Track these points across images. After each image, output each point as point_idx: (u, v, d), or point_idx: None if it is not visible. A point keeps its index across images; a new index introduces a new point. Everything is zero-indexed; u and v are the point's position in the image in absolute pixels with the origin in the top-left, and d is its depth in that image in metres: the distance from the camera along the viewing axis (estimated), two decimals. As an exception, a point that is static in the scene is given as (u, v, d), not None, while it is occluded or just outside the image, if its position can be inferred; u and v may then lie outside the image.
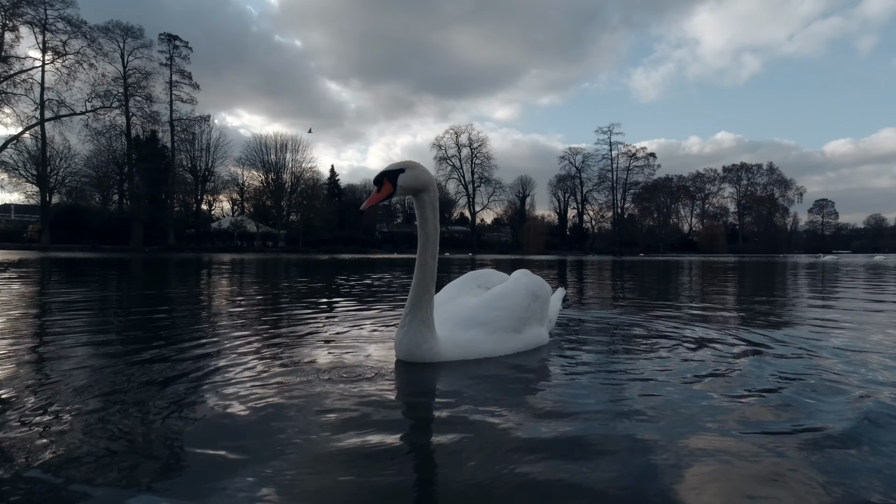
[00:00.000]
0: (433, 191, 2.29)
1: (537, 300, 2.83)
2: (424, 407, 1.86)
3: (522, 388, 2.09)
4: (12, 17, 43.87)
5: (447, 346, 2.36)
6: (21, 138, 45.81)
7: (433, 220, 2.30)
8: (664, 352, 2.79)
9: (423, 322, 2.28)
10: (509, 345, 2.62)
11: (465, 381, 2.13)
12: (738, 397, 1.94)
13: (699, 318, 4.16)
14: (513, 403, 1.84)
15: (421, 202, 2.28)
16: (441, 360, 2.34)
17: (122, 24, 49.39)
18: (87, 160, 51.26)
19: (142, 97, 50.83)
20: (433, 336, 2.30)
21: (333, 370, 2.26)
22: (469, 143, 76.43)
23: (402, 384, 2.10)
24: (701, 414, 1.74)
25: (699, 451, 1.44)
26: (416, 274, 2.28)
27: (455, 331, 2.50)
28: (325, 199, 65.99)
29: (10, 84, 44.92)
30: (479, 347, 2.49)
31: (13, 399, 1.86)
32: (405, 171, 2.19)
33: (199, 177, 57.91)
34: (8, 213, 60.01)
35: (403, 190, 2.19)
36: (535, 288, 2.86)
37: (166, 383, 2.07)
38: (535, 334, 2.80)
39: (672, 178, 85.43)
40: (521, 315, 2.70)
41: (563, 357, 2.66)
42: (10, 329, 3.41)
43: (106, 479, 1.25)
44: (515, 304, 2.70)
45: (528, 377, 2.25)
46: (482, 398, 1.89)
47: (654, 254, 62.24)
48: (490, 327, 2.57)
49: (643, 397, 1.92)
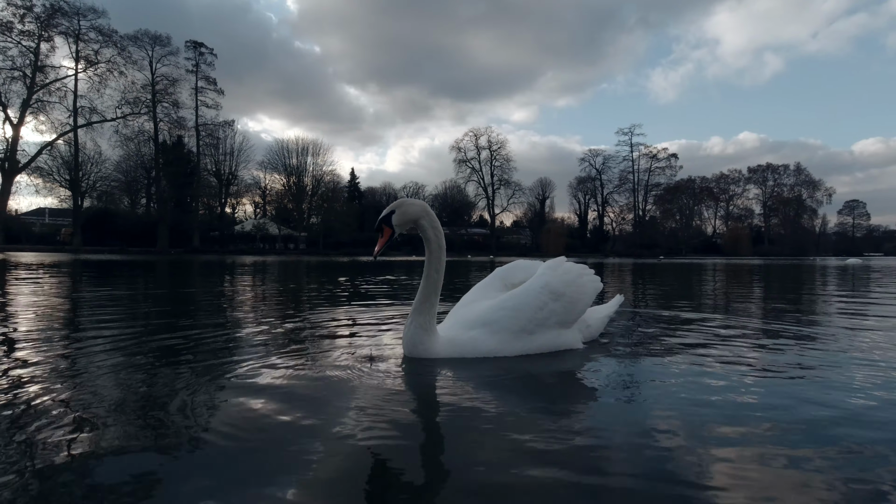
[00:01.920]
0: (427, 216, 2.54)
1: (559, 300, 2.68)
2: (411, 398, 2.00)
3: (501, 387, 2.13)
4: (48, 27, 45.69)
5: (444, 344, 2.56)
6: (55, 144, 47.61)
7: (434, 238, 2.56)
8: (689, 360, 2.64)
9: (421, 325, 2.53)
10: (514, 346, 2.59)
11: (452, 379, 2.25)
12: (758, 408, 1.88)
13: (731, 327, 4.04)
14: (486, 402, 1.92)
15: (421, 228, 2.56)
16: (437, 357, 2.53)
17: (151, 33, 51.02)
18: (117, 165, 52.97)
19: (169, 103, 52.42)
20: (429, 336, 2.54)
21: (345, 363, 2.43)
22: (488, 146, 76.52)
23: (403, 376, 2.29)
24: (712, 425, 1.69)
25: (707, 462, 1.42)
26: (422, 283, 2.57)
27: (458, 331, 2.67)
28: (345, 202, 66.74)
29: (46, 93, 46.79)
30: (478, 347, 2.55)
31: (49, 392, 2.04)
32: (395, 211, 2.48)
33: (222, 180, 59.20)
34: (42, 216, 62.21)
35: (401, 227, 2.50)
36: (556, 286, 2.70)
37: (190, 374, 2.23)
38: (551, 337, 2.70)
39: (695, 180, 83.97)
40: (531, 316, 2.62)
41: (580, 361, 2.59)
42: (52, 328, 3.65)
43: (131, 463, 1.39)
44: (525, 303, 2.63)
45: (515, 377, 2.27)
46: (465, 395, 2.00)
47: (675, 256, 61.22)
48: (494, 327, 2.59)
49: (661, 411, 1.82)
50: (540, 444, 1.50)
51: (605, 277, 12.36)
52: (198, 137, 55.71)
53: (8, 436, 1.53)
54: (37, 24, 45.32)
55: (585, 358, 2.68)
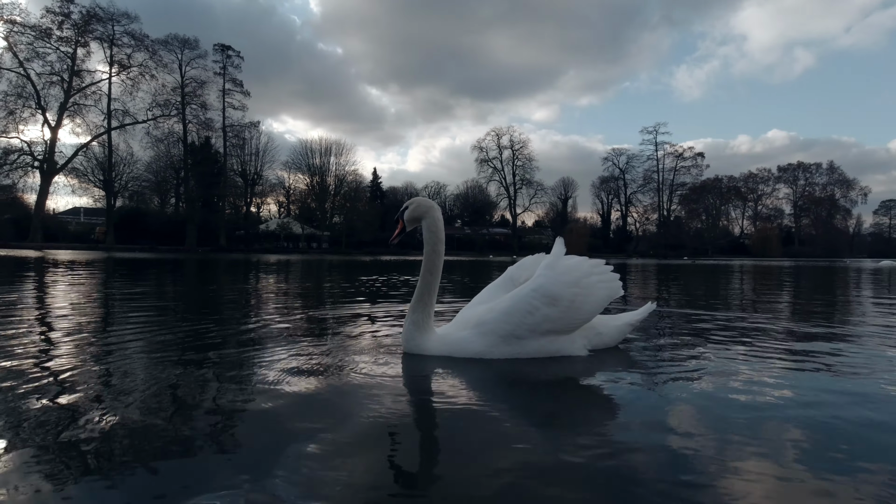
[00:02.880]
0: (430, 217, 2.66)
1: (554, 304, 2.48)
2: (405, 390, 2.14)
3: (480, 389, 2.15)
4: (84, 33, 47.44)
5: (435, 342, 2.63)
6: (90, 146, 49.43)
7: (430, 240, 2.65)
8: (707, 368, 2.49)
9: (416, 322, 2.63)
10: (502, 350, 2.53)
11: (437, 377, 2.33)
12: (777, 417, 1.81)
13: (754, 331, 3.94)
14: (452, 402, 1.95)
15: (423, 227, 2.70)
16: (428, 353, 2.61)
17: (180, 37, 52.47)
18: (148, 166, 54.58)
19: (197, 105, 53.81)
20: (422, 334, 2.63)
21: (355, 357, 2.56)
22: (510, 145, 76.28)
23: (398, 370, 2.42)
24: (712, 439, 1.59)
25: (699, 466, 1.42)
26: (419, 282, 2.66)
27: (453, 329, 2.74)
28: (367, 202, 67.38)
29: (82, 96, 48.60)
30: (466, 347, 2.57)
31: (83, 381, 2.20)
32: (408, 208, 2.67)
33: (248, 180, 60.42)
34: (78, 215, 64.52)
35: (409, 222, 2.67)
36: (551, 289, 2.49)
37: (217, 368, 2.38)
38: (544, 343, 2.56)
39: (722, 179, 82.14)
40: (518, 321, 2.49)
41: (576, 367, 2.48)
42: (90, 322, 3.87)
43: (159, 451, 1.48)
44: (514, 307, 2.51)
45: (501, 380, 2.28)
46: (447, 394, 2.05)
47: (701, 257, 59.96)
48: (483, 329, 2.56)
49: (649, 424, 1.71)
50: (521, 455, 1.45)
51: (628, 279, 12.26)
52: (224, 138, 57.01)
53: (41, 424, 1.66)
54: (74, 30, 47.18)
55: (583, 364, 2.54)
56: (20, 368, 2.32)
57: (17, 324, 3.65)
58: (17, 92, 45.76)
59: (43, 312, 4.41)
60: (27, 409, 1.74)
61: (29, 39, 45.67)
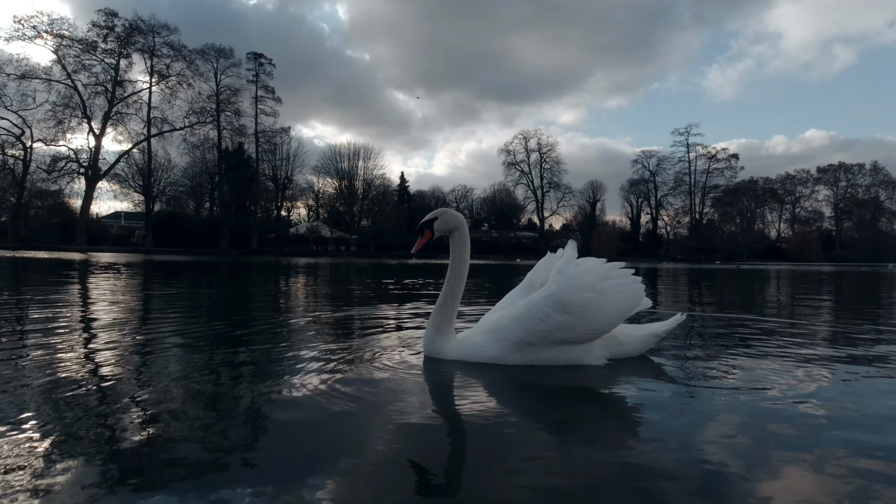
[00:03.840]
0: (462, 228, 2.70)
1: (567, 311, 2.41)
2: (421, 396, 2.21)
3: (496, 396, 2.16)
4: (127, 45, 49.69)
5: (452, 347, 2.66)
6: (131, 153, 51.55)
7: (461, 250, 2.70)
8: (735, 378, 2.42)
9: (436, 326, 2.69)
10: (516, 356, 2.52)
11: (454, 381, 2.38)
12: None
13: (790, 339, 3.88)
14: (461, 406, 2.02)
15: (453, 238, 2.71)
16: (445, 357, 2.65)
17: (216, 47, 54.21)
18: (184, 171, 56.43)
19: (231, 112, 55.43)
20: (442, 338, 2.67)
21: (374, 360, 2.69)
22: (538, 148, 75.80)
23: (418, 374, 2.46)
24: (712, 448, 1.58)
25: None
26: (443, 289, 2.71)
27: (471, 334, 2.76)
28: (394, 206, 68.03)
29: (124, 105, 50.88)
30: (481, 352, 2.58)
31: (120, 379, 2.40)
32: (438, 218, 2.67)
33: (279, 185, 61.83)
34: (119, 219, 67.21)
35: (440, 232, 2.68)
36: (563, 295, 2.43)
37: (248, 365, 2.55)
38: (560, 352, 2.51)
39: (757, 181, 79.32)
40: (530, 328, 2.46)
41: (595, 376, 2.44)
42: (135, 321, 4.14)
43: (190, 456, 1.60)
44: (527, 314, 2.48)
45: (516, 386, 2.30)
46: (464, 399, 2.10)
47: (735, 261, 58.24)
48: (498, 334, 2.56)
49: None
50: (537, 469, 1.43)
51: (658, 284, 12.11)
52: (257, 144, 58.50)
53: (79, 420, 1.82)
54: (117, 42, 49.50)
55: (601, 373, 2.47)
56: (63, 365, 2.54)
57: (63, 322, 3.95)
58: (66, 102, 48.36)
59: (86, 312, 4.73)
60: (66, 406, 1.89)
61: (76, 52, 48.26)
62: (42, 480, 1.28)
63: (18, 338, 3.23)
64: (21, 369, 2.39)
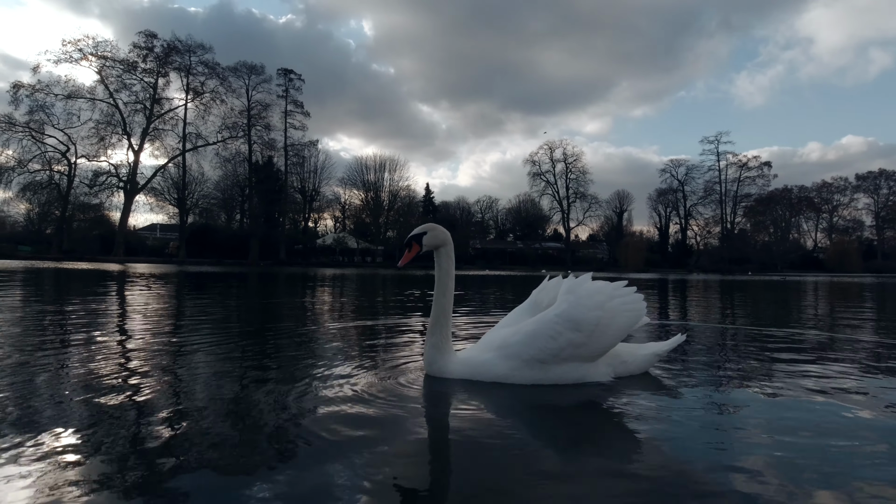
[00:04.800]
0: (449, 245, 2.75)
1: (577, 329, 2.48)
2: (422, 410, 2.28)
3: (506, 414, 2.16)
4: (164, 65, 52.00)
5: (458, 365, 2.64)
6: (167, 167, 53.62)
7: (447, 266, 2.74)
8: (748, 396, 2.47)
9: (435, 345, 2.67)
10: (525, 374, 2.52)
11: (457, 401, 2.35)
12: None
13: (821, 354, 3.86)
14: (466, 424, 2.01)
15: (439, 254, 2.76)
16: (450, 377, 2.62)
17: (248, 64, 56.18)
18: (216, 184, 58.26)
19: (262, 126, 57.17)
20: (443, 356, 2.65)
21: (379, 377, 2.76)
22: (564, 158, 75.42)
23: (418, 393, 2.44)
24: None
25: None
26: (433, 307, 2.72)
27: (476, 352, 2.73)
28: (420, 216, 68.57)
29: (161, 122, 53.11)
30: (489, 371, 2.57)
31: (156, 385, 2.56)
32: (427, 233, 2.70)
33: (307, 197, 63.19)
34: (154, 231, 69.62)
35: (428, 247, 2.71)
36: (574, 313, 2.50)
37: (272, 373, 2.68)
38: (568, 369, 2.54)
39: (792, 189, 76.89)
40: (542, 346, 2.49)
41: (604, 394, 2.42)
42: (176, 328, 4.35)
43: (220, 459, 1.72)
44: (538, 332, 2.51)
45: (525, 406, 2.28)
46: (470, 419, 2.07)
47: (769, 272, 56.43)
48: (506, 352, 2.55)
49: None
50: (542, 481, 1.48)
51: (688, 294, 11.90)
52: (286, 157, 60.02)
53: (112, 423, 1.96)
54: (156, 62, 51.87)
55: (609, 391, 2.47)
56: (100, 370, 2.73)
57: (102, 330, 4.19)
58: (107, 120, 51.02)
59: (123, 321, 4.98)
60: (100, 411, 2.02)
61: (118, 72, 50.93)
62: (72, 481, 1.38)
63: (60, 344, 3.45)
64: (61, 374, 2.58)
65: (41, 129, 49.18)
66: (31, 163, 49.04)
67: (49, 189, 50.56)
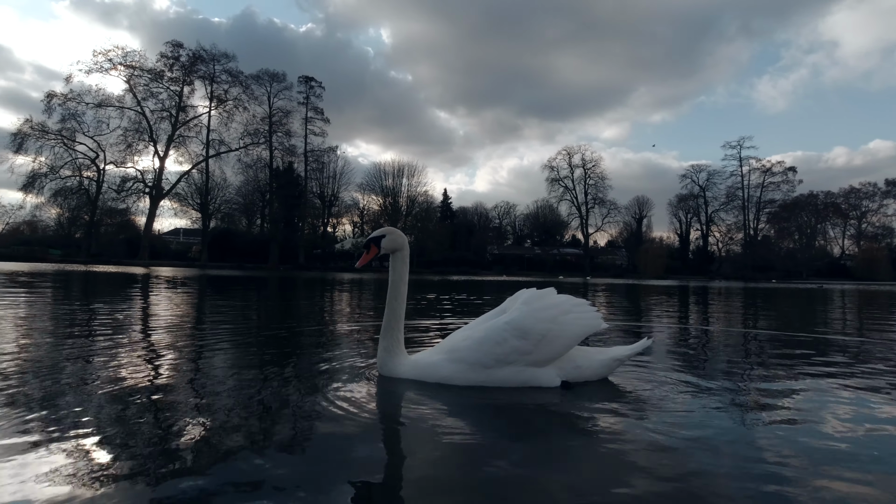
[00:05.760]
0: (405, 250, 2.85)
1: (525, 338, 2.56)
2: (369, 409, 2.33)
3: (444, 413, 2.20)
4: (190, 73, 53.45)
5: (407, 366, 2.74)
6: (190, 173, 54.91)
7: (400, 270, 2.82)
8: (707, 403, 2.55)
9: (386, 348, 2.76)
10: (469, 377, 2.60)
11: (402, 397, 2.48)
12: None
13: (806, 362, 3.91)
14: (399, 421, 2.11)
15: (395, 258, 2.85)
16: (398, 377, 2.72)
17: (270, 72, 57.27)
18: (238, 189, 59.42)
19: (282, 133, 58.16)
20: (393, 358, 2.75)
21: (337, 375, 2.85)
22: (582, 164, 74.86)
23: (371, 391, 2.56)
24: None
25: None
26: (386, 311, 2.79)
27: (428, 354, 2.83)
28: (437, 222, 68.77)
29: (186, 129, 54.52)
30: (434, 372, 2.66)
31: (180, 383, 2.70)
32: (386, 236, 2.80)
33: (325, 202, 63.94)
34: (178, 235, 71.27)
35: (385, 250, 2.80)
36: (523, 323, 2.59)
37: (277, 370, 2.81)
38: (512, 373, 2.59)
39: (817, 195, 74.89)
40: (488, 350, 2.58)
41: (545, 398, 2.45)
42: (202, 330, 4.53)
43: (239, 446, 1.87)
44: (487, 337, 2.61)
45: (467, 406, 2.34)
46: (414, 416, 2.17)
47: (794, 280, 55.11)
48: (454, 356, 2.65)
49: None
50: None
51: (711, 299, 11.77)
52: (306, 163, 60.91)
53: (136, 419, 2.07)
54: (182, 71, 53.33)
55: (554, 396, 2.48)
56: (125, 368, 2.90)
57: (129, 331, 4.38)
58: (135, 128, 52.71)
59: (150, 323, 5.19)
60: (126, 405, 2.16)
61: (146, 81, 52.62)
62: (96, 474, 1.47)
63: (88, 343, 3.63)
64: (89, 371, 2.75)
65: (72, 137, 51.02)
66: (62, 169, 50.94)
67: (79, 194, 52.25)
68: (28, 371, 2.71)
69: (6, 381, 2.46)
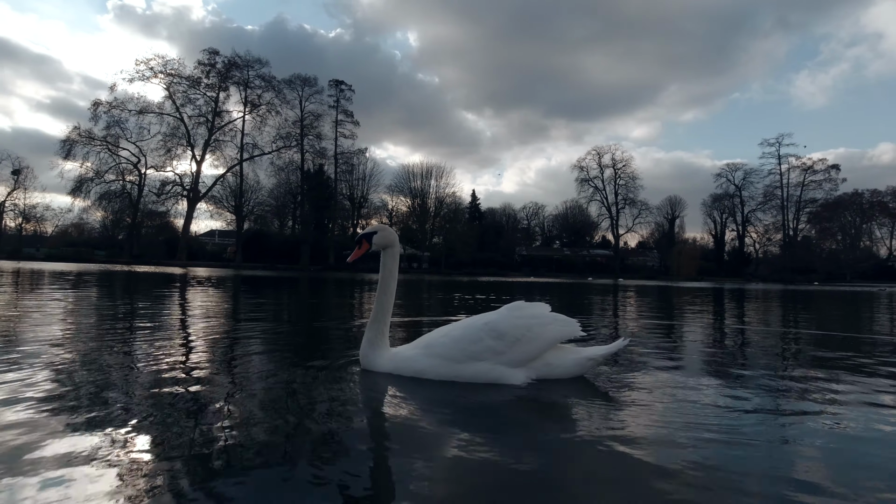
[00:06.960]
0: (395, 247, 2.95)
1: (500, 339, 2.66)
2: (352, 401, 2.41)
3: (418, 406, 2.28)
4: (225, 79, 55.23)
5: (384, 359, 2.83)
6: (225, 176, 56.66)
7: (390, 266, 2.92)
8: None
9: (370, 340, 2.87)
10: (441, 371, 2.69)
11: (381, 391, 2.55)
12: None
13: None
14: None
15: (385, 254, 2.95)
16: (376, 370, 2.82)
17: (302, 76, 58.65)
18: (270, 192, 60.93)
19: (313, 136, 59.39)
20: (374, 351, 2.85)
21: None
22: (612, 164, 73.73)
23: (352, 383, 2.65)
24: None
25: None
26: (375, 304, 2.89)
27: (406, 348, 2.91)
28: (465, 223, 68.81)
29: (221, 133, 56.32)
30: (410, 366, 2.75)
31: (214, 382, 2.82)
32: (377, 233, 2.92)
33: (355, 203, 64.87)
34: (213, 237, 73.47)
35: (377, 246, 2.91)
36: (500, 325, 2.69)
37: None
38: (483, 370, 2.65)
39: (862, 193, 71.32)
40: (463, 347, 2.68)
41: (498, 394, 2.49)
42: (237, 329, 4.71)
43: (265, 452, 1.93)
44: (463, 335, 2.72)
45: (443, 400, 2.39)
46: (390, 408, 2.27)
47: (838, 283, 52.81)
48: (430, 351, 2.75)
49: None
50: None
51: (747, 303, 11.44)
52: (336, 165, 61.99)
53: (169, 418, 2.16)
54: (218, 77, 55.11)
55: (523, 392, 2.53)
56: (162, 365, 3.02)
57: (167, 328, 4.58)
58: (174, 133, 54.89)
59: (188, 320, 5.41)
60: (158, 404, 2.22)
61: (184, 88, 54.79)
62: (129, 471, 1.50)
63: (128, 339, 3.82)
64: (127, 366, 2.88)
65: (116, 143, 53.53)
66: (107, 173, 53.48)
67: (122, 198, 54.67)
68: (77, 361, 2.90)
69: (58, 373, 2.64)
